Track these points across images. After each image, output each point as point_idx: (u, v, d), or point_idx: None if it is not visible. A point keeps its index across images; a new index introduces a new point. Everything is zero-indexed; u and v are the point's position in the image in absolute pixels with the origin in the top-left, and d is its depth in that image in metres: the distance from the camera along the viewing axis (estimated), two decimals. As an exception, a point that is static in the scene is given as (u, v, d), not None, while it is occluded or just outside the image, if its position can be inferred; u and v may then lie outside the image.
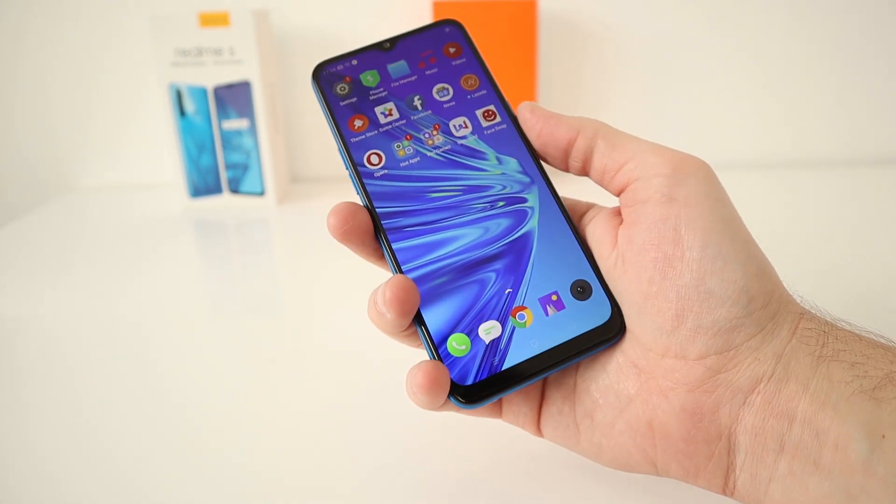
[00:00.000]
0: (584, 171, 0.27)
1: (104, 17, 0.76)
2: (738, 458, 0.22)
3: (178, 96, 0.67)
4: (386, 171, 0.28)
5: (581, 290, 0.25)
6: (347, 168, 0.28)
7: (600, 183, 0.27)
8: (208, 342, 0.44)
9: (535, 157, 0.28)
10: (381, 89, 0.29)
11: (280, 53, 0.76)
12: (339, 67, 0.30)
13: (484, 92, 0.29)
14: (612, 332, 0.24)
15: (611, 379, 0.25)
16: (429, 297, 0.26)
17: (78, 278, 0.54)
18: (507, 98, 0.29)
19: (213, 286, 0.54)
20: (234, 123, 0.68)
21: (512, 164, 0.28)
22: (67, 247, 0.62)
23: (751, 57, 0.77)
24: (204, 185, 0.70)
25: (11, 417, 0.36)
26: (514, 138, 0.28)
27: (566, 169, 0.28)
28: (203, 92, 0.67)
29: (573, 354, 0.24)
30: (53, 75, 0.78)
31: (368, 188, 0.27)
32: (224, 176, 0.70)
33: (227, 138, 0.69)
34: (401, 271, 0.26)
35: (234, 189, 0.71)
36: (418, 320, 0.25)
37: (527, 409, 0.27)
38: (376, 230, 0.27)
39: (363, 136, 0.28)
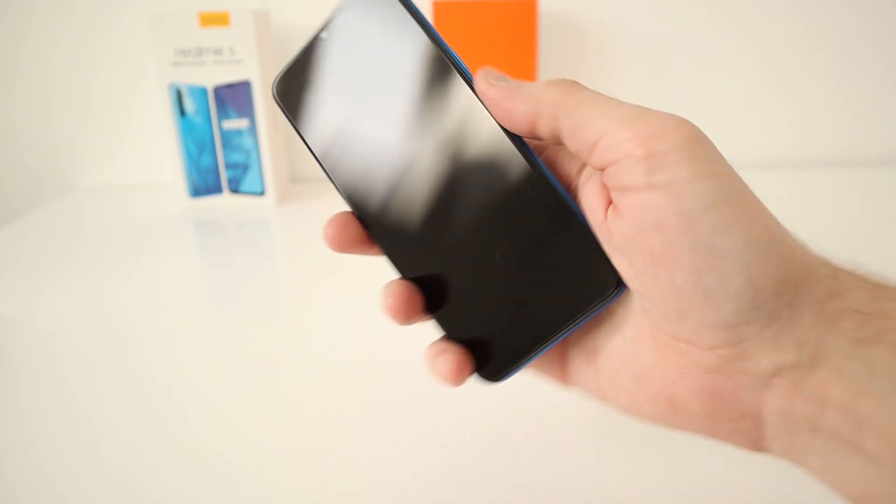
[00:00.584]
0: (559, 144, 0.24)
1: (104, 17, 0.76)
2: (768, 432, 0.21)
3: (179, 96, 0.67)
4: (350, 162, 0.27)
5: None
6: (315, 158, 0.27)
7: (580, 158, 0.23)
8: (208, 342, 0.44)
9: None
10: (333, 79, 0.27)
11: (280, 53, 0.76)
12: (292, 74, 0.28)
13: (428, 53, 0.25)
14: (609, 288, 0.23)
15: (629, 348, 0.23)
16: (434, 292, 0.26)
17: (78, 278, 0.54)
18: (456, 55, 0.25)
19: (212, 286, 0.54)
20: (234, 123, 0.68)
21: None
22: (67, 246, 0.62)
23: (751, 57, 0.77)
24: (204, 184, 0.70)
25: (11, 417, 0.36)
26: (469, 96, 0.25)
27: (539, 140, 0.25)
28: (203, 92, 0.67)
29: (578, 318, 0.23)
30: (53, 75, 0.78)
31: (333, 176, 0.27)
32: (224, 176, 0.70)
33: (227, 138, 0.69)
34: (402, 275, 0.26)
35: (234, 189, 0.71)
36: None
37: (554, 367, 0.26)
38: (369, 232, 0.27)
39: (330, 136, 0.27)
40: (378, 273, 0.31)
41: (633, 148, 0.20)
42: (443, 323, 0.26)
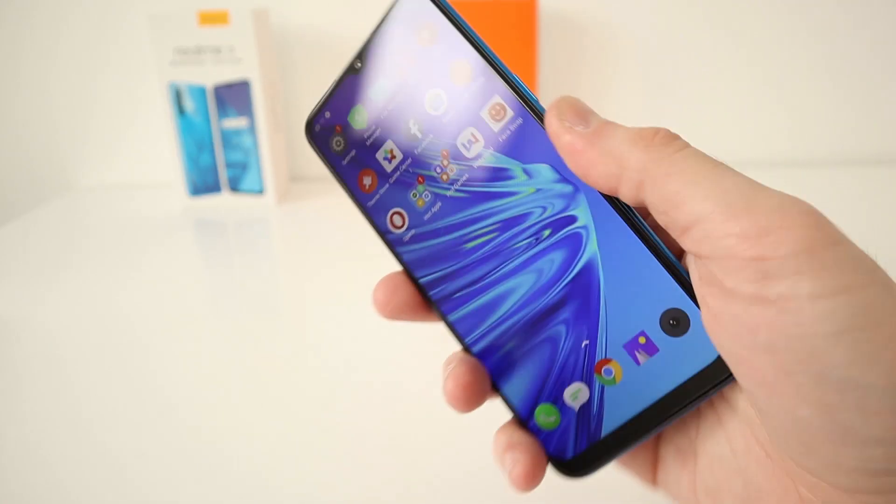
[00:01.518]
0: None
1: (104, 16, 0.76)
2: None
3: (178, 95, 0.67)
4: (413, 231, 0.23)
5: (675, 323, 0.19)
6: (378, 236, 0.24)
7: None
8: (207, 341, 0.44)
9: None
10: (374, 127, 0.23)
11: (280, 52, 0.76)
12: (327, 115, 0.24)
13: (482, 80, 0.22)
14: (725, 371, 0.19)
15: (738, 462, 0.19)
16: (502, 368, 0.22)
17: (77, 277, 0.54)
18: (513, 73, 0.22)
19: (212, 285, 0.54)
20: (234, 122, 0.68)
21: (544, 172, 0.21)
22: (67, 245, 0.62)
23: (751, 56, 0.77)
24: (203, 183, 0.70)
25: (12, 417, 0.36)
26: (538, 133, 0.21)
27: None
28: (202, 91, 0.67)
29: (681, 406, 0.19)
30: (53, 74, 0.78)
31: (404, 256, 0.23)
32: (224, 175, 0.70)
33: (227, 137, 0.69)
34: (465, 345, 0.23)
35: (234, 188, 0.71)
36: (500, 394, 0.22)
37: (640, 464, 0.22)
38: (426, 300, 0.23)
39: (377, 196, 0.23)
40: (377, 272, 0.31)
41: (739, 247, 0.16)
42: (516, 404, 0.22)
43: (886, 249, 0.25)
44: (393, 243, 0.23)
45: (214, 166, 0.70)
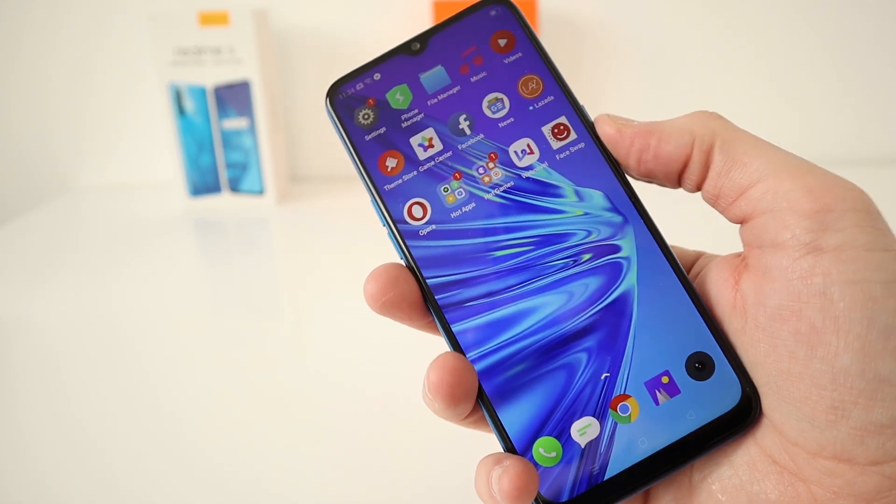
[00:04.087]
0: (697, 189, 0.20)
1: (103, 16, 0.75)
2: None
3: (178, 95, 0.67)
4: (433, 226, 0.22)
5: (700, 367, 0.19)
6: (383, 223, 0.22)
7: (713, 205, 0.20)
8: (207, 341, 0.44)
9: (627, 185, 0.21)
10: (416, 111, 0.22)
11: (280, 53, 0.76)
12: (359, 86, 0.23)
13: (551, 98, 0.22)
14: (743, 420, 0.19)
15: (741, 478, 0.18)
16: (503, 391, 0.20)
17: (77, 277, 0.54)
18: (580, 102, 0.22)
19: (212, 285, 0.54)
20: (234, 123, 0.68)
21: (596, 198, 0.21)
22: (66, 246, 0.62)
23: (751, 56, 0.77)
24: (203, 184, 0.70)
25: (10, 418, 0.36)
26: (598, 161, 0.21)
27: (676, 188, 0.21)
28: (202, 91, 0.67)
29: (694, 453, 0.19)
30: (52, 74, 0.78)
31: (414, 251, 0.21)
32: (224, 175, 0.70)
33: (227, 137, 0.69)
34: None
35: (234, 188, 0.71)
36: (493, 419, 0.20)
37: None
38: (427, 302, 0.21)
39: (399, 181, 0.22)
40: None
41: (801, 199, 0.17)
42: (512, 434, 0.20)
43: None
44: (405, 235, 0.22)
45: (214, 166, 0.70)
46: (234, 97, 0.67)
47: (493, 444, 0.20)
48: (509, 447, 0.20)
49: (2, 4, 0.75)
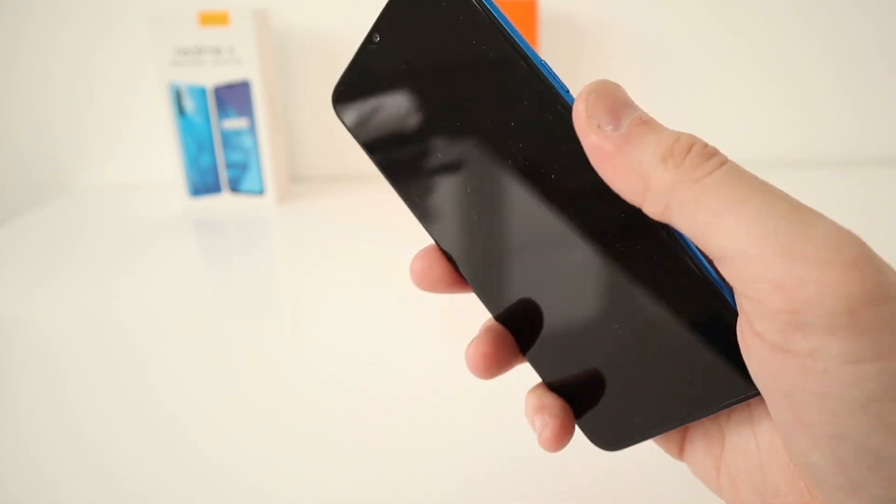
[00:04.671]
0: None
1: (103, 15, 0.75)
2: None
3: (178, 95, 0.67)
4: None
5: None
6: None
7: None
8: (207, 342, 0.44)
9: None
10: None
11: (280, 53, 0.76)
12: (351, 86, 0.23)
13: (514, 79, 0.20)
14: (744, 390, 0.19)
15: (761, 458, 0.19)
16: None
17: (76, 278, 0.54)
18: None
19: (212, 285, 0.54)
20: (234, 123, 0.68)
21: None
22: (66, 246, 0.62)
23: (751, 56, 0.77)
24: (203, 184, 0.70)
25: (10, 418, 0.36)
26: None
27: None
28: (202, 91, 0.67)
29: (704, 412, 0.20)
30: (52, 74, 0.78)
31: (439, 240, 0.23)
32: (224, 175, 0.70)
33: (227, 137, 0.69)
34: (497, 318, 0.23)
35: (234, 188, 0.71)
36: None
37: (667, 437, 0.22)
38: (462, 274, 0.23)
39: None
40: (381, 272, 0.31)
41: (770, 296, 0.14)
42: (544, 373, 0.22)
43: (891, 250, 0.24)
44: (414, 205, 0.23)
45: (214, 167, 0.70)
46: (234, 97, 0.67)
47: (502, 426, 0.21)
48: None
49: (2, 4, 0.75)
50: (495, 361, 0.22)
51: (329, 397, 0.37)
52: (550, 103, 0.19)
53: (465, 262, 0.22)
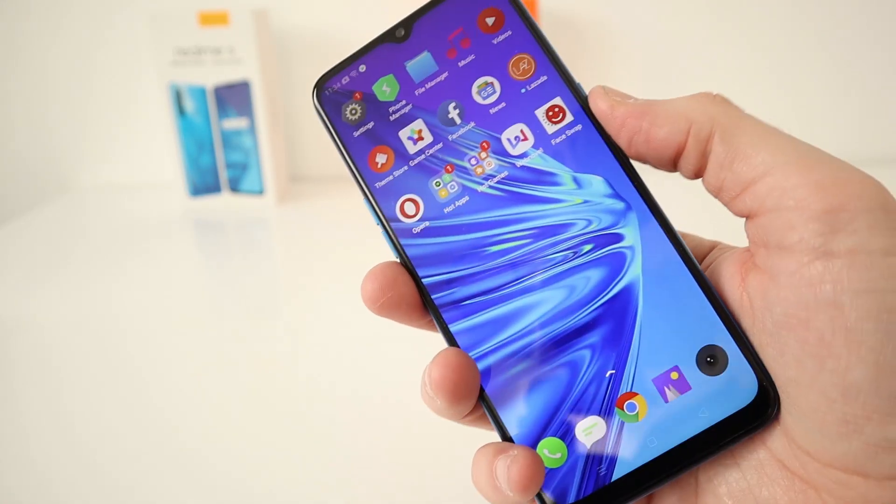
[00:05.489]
0: (696, 177, 0.19)
1: (103, 15, 0.75)
2: None
3: (178, 95, 0.67)
4: (426, 223, 0.21)
5: (712, 361, 0.18)
6: (377, 222, 0.21)
7: (717, 197, 0.18)
8: (206, 342, 0.44)
9: (630, 167, 0.20)
10: (403, 102, 0.21)
11: (280, 53, 0.76)
12: (345, 80, 0.22)
13: (544, 78, 0.21)
14: (761, 416, 0.17)
15: (749, 481, 0.17)
16: (505, 391, 0.19)
17: (77, 278, 0.54)
18: (577, 80, 0.21)
19: (212, 285, 0.54)
20: (234, 123, 0.68)
21: (596, 184, 0.20)
22: (66, 246, 0.62)
23: (752, 56, 0.77)
24: (203, 184, 0.70)
25: (10, 418, 0.36)
26: (597, 143, 0.20)
27: (672, 171, 0.20)
28: (202, 91, 0.67)
29: (707, 452, 0.18)
30: (52, 74, 0.78)
31: (408, 250, 0.21)
32: (224, 175, 0.70)
33: (227, 137, 0.69)
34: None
35: (234, 188, 0.71)
36: (495, 420, 0.19)
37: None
38: (425, 302, 0.20)
39: (390, 177, 0.21)
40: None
41: (809, 197, 0.15)
42: (515, 435, 0.19)
43: None
44: (398, 234, 0.21)
45: (214, 167, 0.70)
46: (234, 97, 0.67)
47: (491, 439, 0.20)
48: None
49: (2, 4, 0.75)
50: (465, 380, 0.19)
51: (328, 397, 0.37)
52: (581, 108, 0.20)
53: (446, 293, 0.20)
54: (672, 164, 0.19)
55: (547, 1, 0.74)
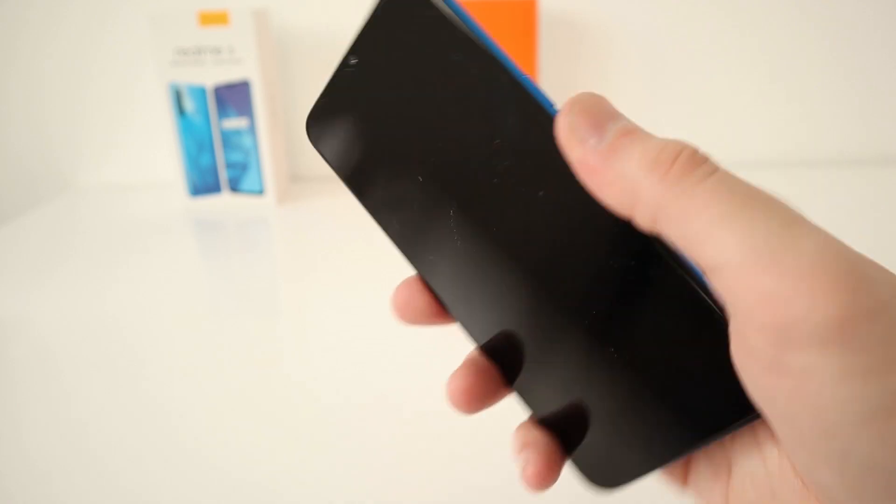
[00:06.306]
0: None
1: (103, 15, 0.75)
2: None
3: (178, 95, 0.67)
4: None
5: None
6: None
7: None
8: (206, 341, 0.44)
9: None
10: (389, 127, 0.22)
11: (280, 53, 0.76)
12: (325, 112, 0.22)
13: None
14: (748, 411, 0.18)
15: (770, 480, 0.18)
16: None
17: (76, 278, 0.54)
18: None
19: (212, 285, 0.54)
20: (234, 122, 0.68)
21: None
22: (66, 246, 0.62)
23: (753, 57, 0.77)
24: (203, 183, 0.70)
25: (9, 418, 0.36)
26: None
27: None
28: (202, 91, 0.67)
29: (708, 439, 0.18)
30: (52, 74, 0.78)
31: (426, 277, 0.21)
32: (224, 175, 0.70)
33: (227, 137, 0.69)
34: (481, 349, 0.21)
35: (234, 188, 0.71)
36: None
37: (670, 467, 0.21)
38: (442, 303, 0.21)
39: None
40: (378, 273, 0.31)
41: (761, 308, 0.14)
42: (532, 406, 0.21)
43: (893, 250, 0.24)
44: (393, 234, 0.21)
45: (214, 166, 0.70)
46: (234, 97, 0.67)
47: (501, 435, 0.21)
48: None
49: (1, 4, 0.75)
50: (478, 395, 0.20)
51: (328, 397, 0.37)
52: (535, 119, 0.18)
53: (446, 288, 0.21)
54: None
55: (547, 1, 0.74)
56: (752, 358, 0.15)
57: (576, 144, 0.17)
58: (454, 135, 0.20)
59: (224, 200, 0.71)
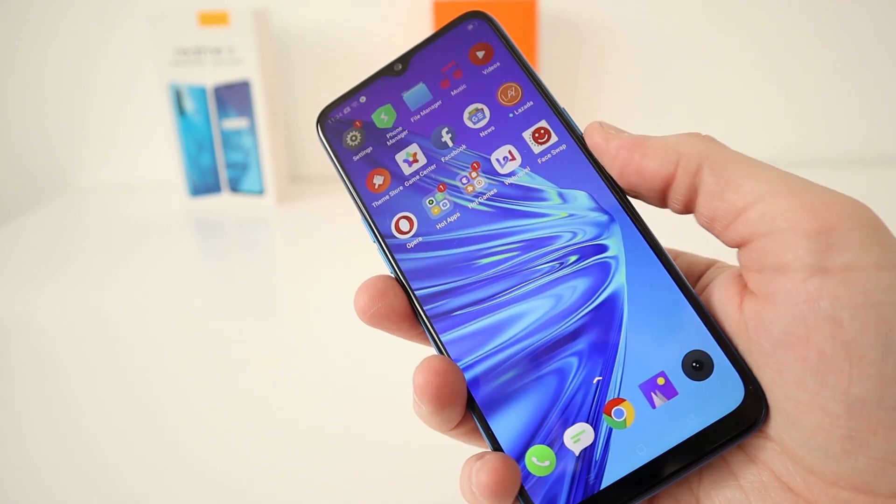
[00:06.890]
0: (687, 211, 0.20)
1: (103, 15, 0.75)
2: None
3: (178, 95, 0.67)
4: (419, 238, 0.22)
5: (698, 366, 0.19)
6: (373, 239, 0.23)
7: (709, 230, 0.19)
8: (206, 341, 0.44)
9: (613, 183, 0.21)
10: (399, 128, 0.23)
11: (280, 52, 0.76)
12: (346, 111, 0.24)
13: (530, 104, 0.22)
14: (749, 419, 0.18)
15: (752, 502, 0.17)
16: (494, 399, 0.20)
17: (76, 278, 0.54)
18: (561, 105, 0.23)
19: (212, 285, 0.54)
20: (234, 123, 0.68)
21: (581, 199, 0.21)
22: (66, 246, 0.62)
23: (753, 57, 0.77)
24: (203, 184, 0.70)
25: (9, 418, 0.36)
26: (580, 162, 0.21)
27: (663, 207, 0.20)
28: (202, 91, 0.67)
29: (696, 458, 0.18)
30: (52, 74, 0.78)
31: (402, 264, 0.22)
32: (224, 175, 0.70)
33: (227, 137, 0.69)
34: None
35: (234, 188, 0.71)
36: (484, 428, 0.20)
37: None
38: (416, 313, 0.21)
39: (386, 197, 0.23)
40: (380, 272, 0.31)
41: (801, 218, 0.16)
42: (504, 443, 0.19)
43: None
44: (393, 249, 0.22)
45: (214, 166, 0.70)
46: (234, 97, 0.67)
47: None
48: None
49: (1, 4, 0.75)
50: (449, 385, 0.19)
51: (328, 397, 0.37)
52: (565, 130, 0.22)
53: (437, 304, 0.21)
54: (662, 196, 0.20)
55: (547, 1, 0.74)
56: (790, 274, 0.16)
57: (609, 136, 0.20)
58: (482, 147, 0.22)
59: (224, 200, 0.71)
